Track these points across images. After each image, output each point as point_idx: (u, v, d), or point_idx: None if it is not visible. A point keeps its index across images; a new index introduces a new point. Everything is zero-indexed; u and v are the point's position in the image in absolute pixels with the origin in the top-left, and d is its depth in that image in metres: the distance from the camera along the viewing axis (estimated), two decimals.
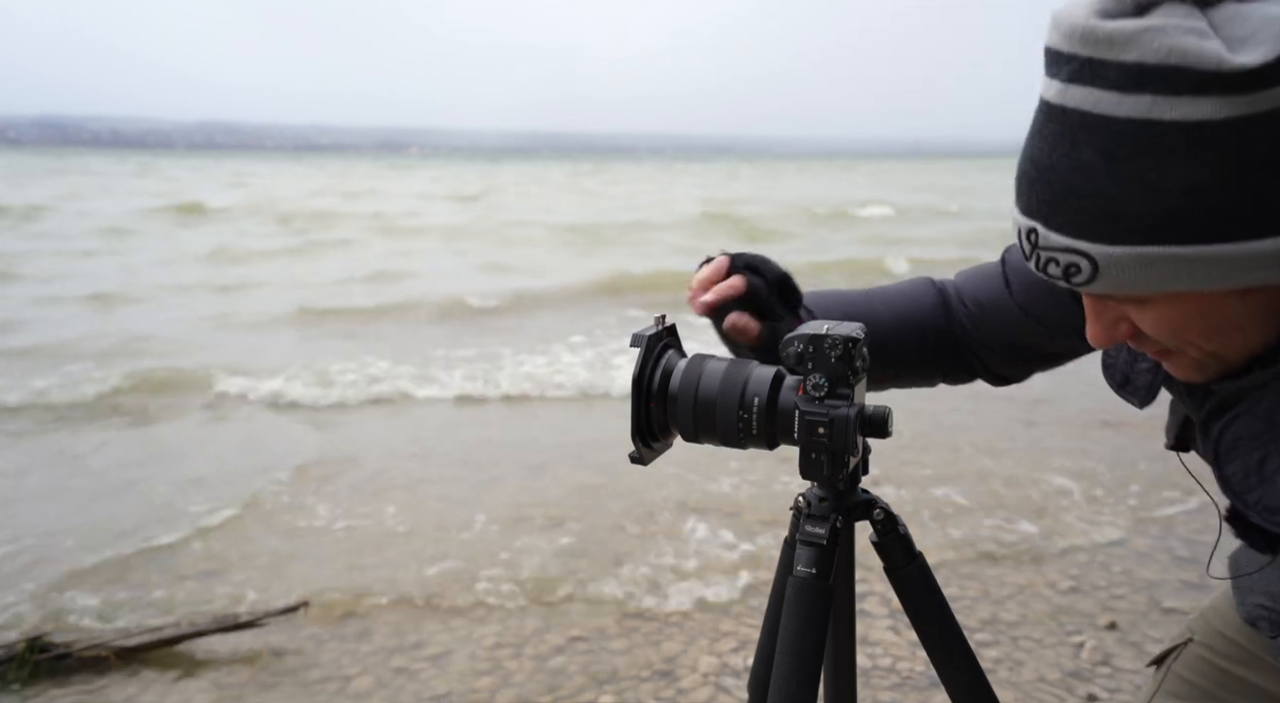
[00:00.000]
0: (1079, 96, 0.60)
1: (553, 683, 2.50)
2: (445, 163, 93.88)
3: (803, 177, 53.45)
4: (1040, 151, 0.63)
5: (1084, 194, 0.60)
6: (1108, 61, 0.58)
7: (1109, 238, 0.60)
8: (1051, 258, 0.65)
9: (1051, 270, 0.66)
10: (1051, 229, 0.64)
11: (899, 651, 2.61)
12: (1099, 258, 0.62)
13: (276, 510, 3.90)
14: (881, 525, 0.91)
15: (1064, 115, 0.61)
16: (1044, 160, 0.63)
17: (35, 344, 7.34)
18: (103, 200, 24.08)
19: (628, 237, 17.11)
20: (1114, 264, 0.61)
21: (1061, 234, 0.63)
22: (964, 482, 4.08)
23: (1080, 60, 0.60)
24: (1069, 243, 0.63)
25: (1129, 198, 0.59)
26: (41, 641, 2.65)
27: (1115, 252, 0.61)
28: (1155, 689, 1.12)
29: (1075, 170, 0.60)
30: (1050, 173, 0.62)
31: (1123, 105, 0.58)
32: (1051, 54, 0.63)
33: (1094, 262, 0.62)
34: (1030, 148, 0.65)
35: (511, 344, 7.33)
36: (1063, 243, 0.63)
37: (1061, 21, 0.62)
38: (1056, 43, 0.62)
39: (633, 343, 0.87)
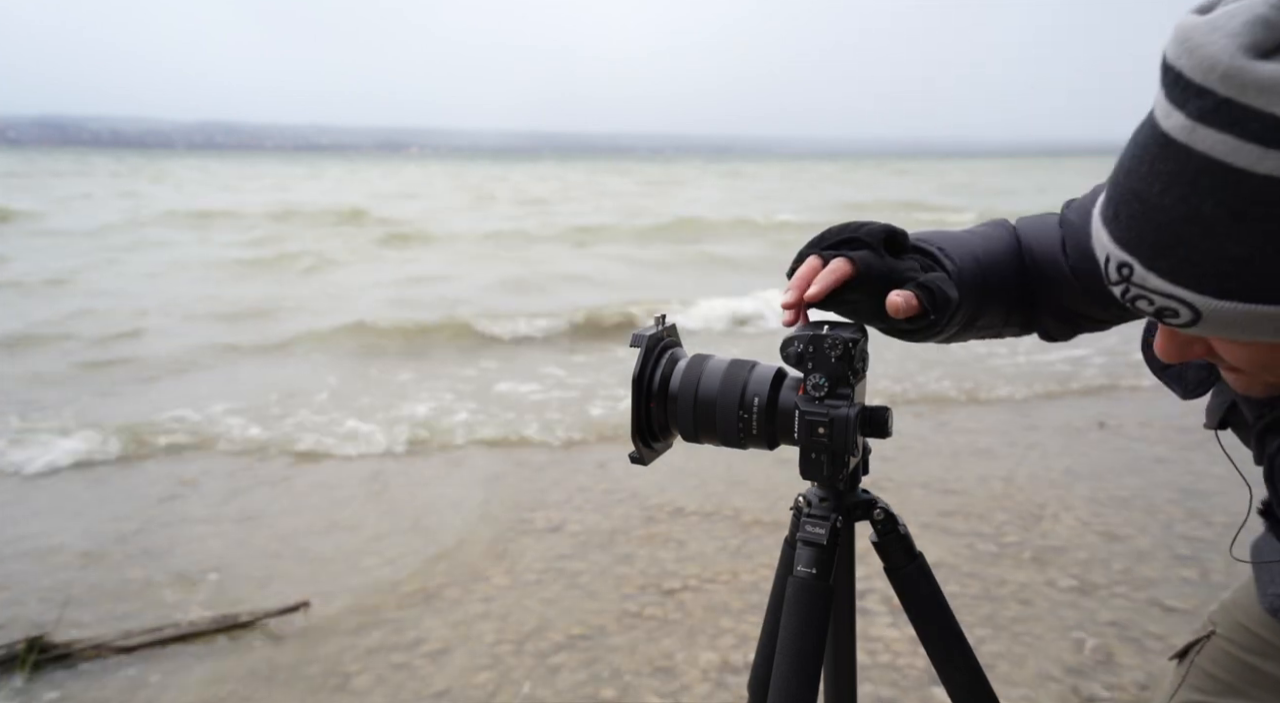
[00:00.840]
0: (1210, 141, 0.54)
1: (553, 680, 2.50)
2: (454, 163, 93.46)
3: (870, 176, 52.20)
4: (1149, 188, 0.57)
5: (1199, 246, 0.55)
6: (1253, 109, 0.52)
7: (1219, 293, 0.56)
8: (1144, 296, 0.60)
9: (1142, 306, 0.61)
10: (1151, 271, 0.59)
11: (899, 648, 2.61)
12: (1203, 309, 0.57)
13: (278, 510, 3.90)
14: (882, 526, 0.91)
15: (1187, 157, 0.55)
16: (1153, 199, 0.57)
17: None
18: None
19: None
20: (1219, 316, 0.57)
21: (1163, 279, 0.58)
22: (964, 482, 4.08)
23: (1217, 100, 0.53)
24: (1171, 289, 0.58)
25: (1252, 258, 0.54)
26: (41, 640, 2.65)
27: (1225, 307, 0.56)
28: (1179, 683, 1.12)
29: (1192, 220, 0.55)
30: (1159, 214, 0.57)
31: (1264, 162, 0.52)
32: (1176, 78, 0.56)
33: (1196, 311, 0.58)
34: (1135, 179, 0.59)
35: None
36: (1163, 287, 0.58)
37: (1196, 49, 0.55)
38: (1185, 68, 0.55)
39: (633, 343, 0.87)
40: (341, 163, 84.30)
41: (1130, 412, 5.16)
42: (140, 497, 4.07)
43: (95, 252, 14.03)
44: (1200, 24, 0.55)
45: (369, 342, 7.70)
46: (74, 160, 67.42)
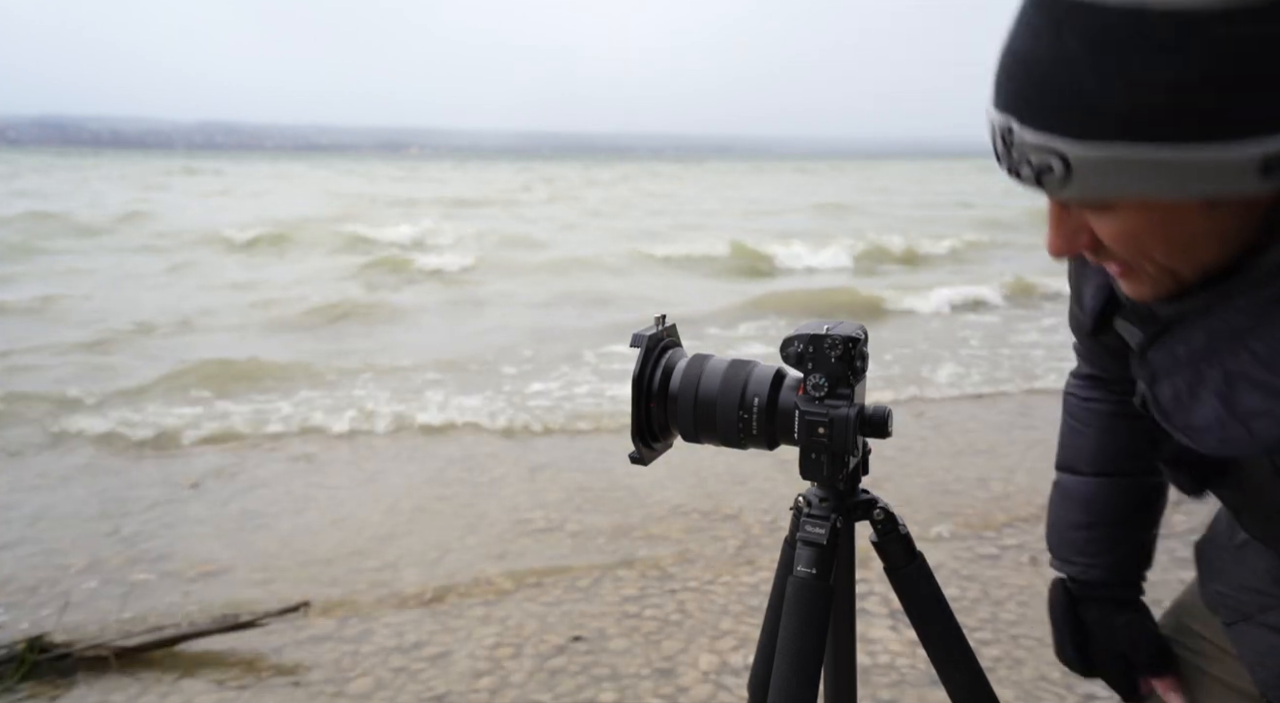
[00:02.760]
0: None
1: (553, 683, 2.50)
2: (474, 162, 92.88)
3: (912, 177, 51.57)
4: (1023, 43, 0.60)
5: (1064, 87, 0.58)
6: None
7: (1085, 133, 0.58)
8: (1025, 157, 0.62)
9: (1024, 173, 0.63)
10: (1026, 125, 0.61)
11: (899, 649, 2.61)
12: (1072, 156, 0.59)
13: (278, 511, 3.90)
14: (882, 526, 0.91)
15: (1053, 4, 0.58)
16: (1026, 52, 0.60)
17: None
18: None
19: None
20: (1086, 163, 0.59)
21: (1036, 130, 0.60)
22: (964, 482, 4.08)
23: None
24: (1043, 140, 0.60)
25: (1110, 91, 0.56)
26: (41, 641, 2.65)
27: (1089, 151, 0.58)
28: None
29: (1057, 61, 0.58)
30: (1032, 64, 0.59)
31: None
32: None
33: (1066, 160, 0.59)
34: (1013, 39, 0.62)
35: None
36: (1037, 140, 0.60)
37: None
38: None
39: (633, 343, 0.87)
40: (348, 162, 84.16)
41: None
42: (140, 497, 4.06)
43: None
44: None
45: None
46: (97, 161, 66.69)
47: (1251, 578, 0.92)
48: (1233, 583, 0.94)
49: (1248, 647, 0.90)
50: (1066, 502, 1.13)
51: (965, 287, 9.98)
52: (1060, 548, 1.12)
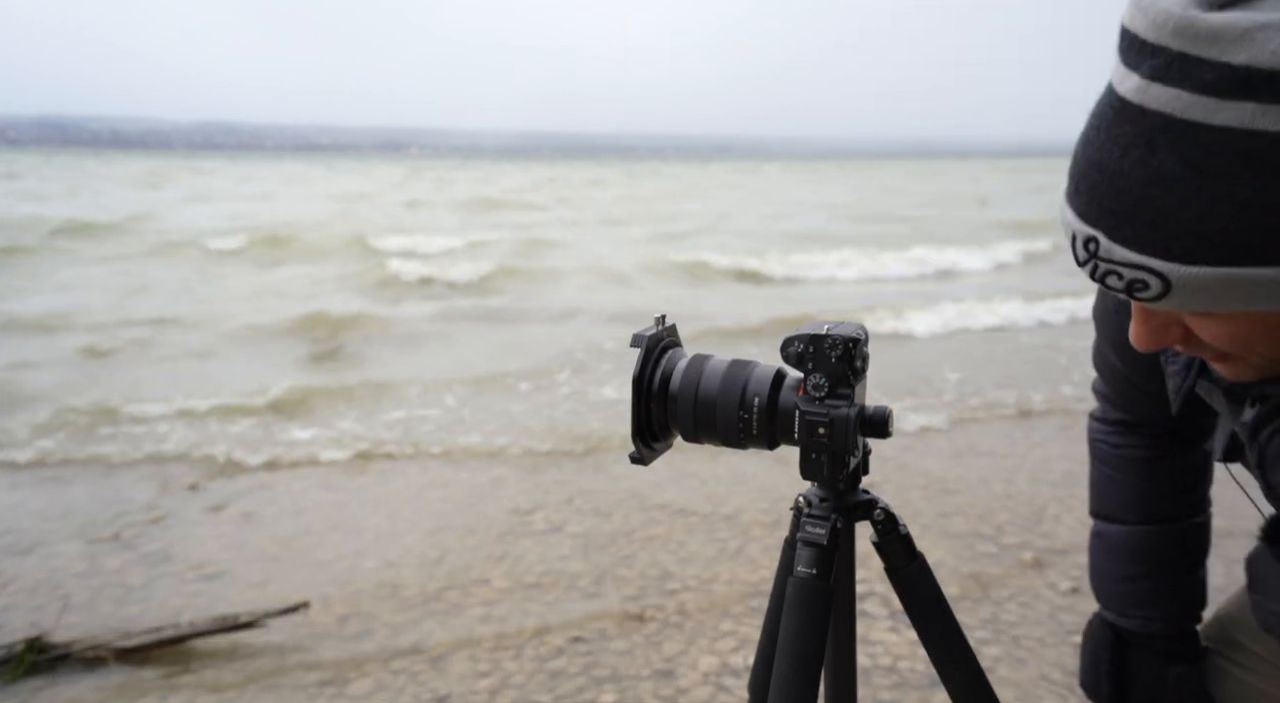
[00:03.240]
0: (1164, 97, 0.53)
1: (553, 684, 2.50)
2: (469, 163, 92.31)
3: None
4: (1108, 155, 0.56)
5: (1162, 208, 0.54)
6: (1205, 61, 0.51)
7: (1187, 257, 0.54)
8: (1113, 271, 0.58)
9: (1111, 283, 0.59)
10: (1116, 242, 0.57)
11: (899, 650, 2.61)
12: (1173, 277, 0.55)
13: (277, 512, 3.90)
14: (882, 526, 0.91)
15: (1142, 117, 0.54)
16: (1112, 165, 0.56)
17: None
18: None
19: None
20: (1190, 284, 0.55)
21: (1129, 248, 0.56)
22: (964, 482, 4.07)
23: (1170, 55, 0.52)
24: (1138, 259, 0.56)
25: (1216, 215, 0.52)
26: (41, 641, 2.64)
27: (1193, 272, 0.54)
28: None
29: (1153, 182, 0.54)
30: (1120, 180, 0.55)
31: (1220, 113, 0.50)
32: (1131, 40, 0.56)
33: (1166, 280, 0.56)
34: (1093, 147, 0.58)
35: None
36: (1130, 258, 0.57)
37: (1150, 7, 0.54)
38: (1139, 29, 0.55)
39: (633, 343, 0.87)
40: (348, 162, 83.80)
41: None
42: (140, 497, 4.06)
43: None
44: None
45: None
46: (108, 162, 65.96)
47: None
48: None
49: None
50: (1112, 552, 1.11)
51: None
52: (1114, 601, 1.10)
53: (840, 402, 0.81)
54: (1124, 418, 1.09)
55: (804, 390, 0.83)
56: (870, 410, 0.83)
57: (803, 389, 0.83)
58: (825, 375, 0.82)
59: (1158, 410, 1.01)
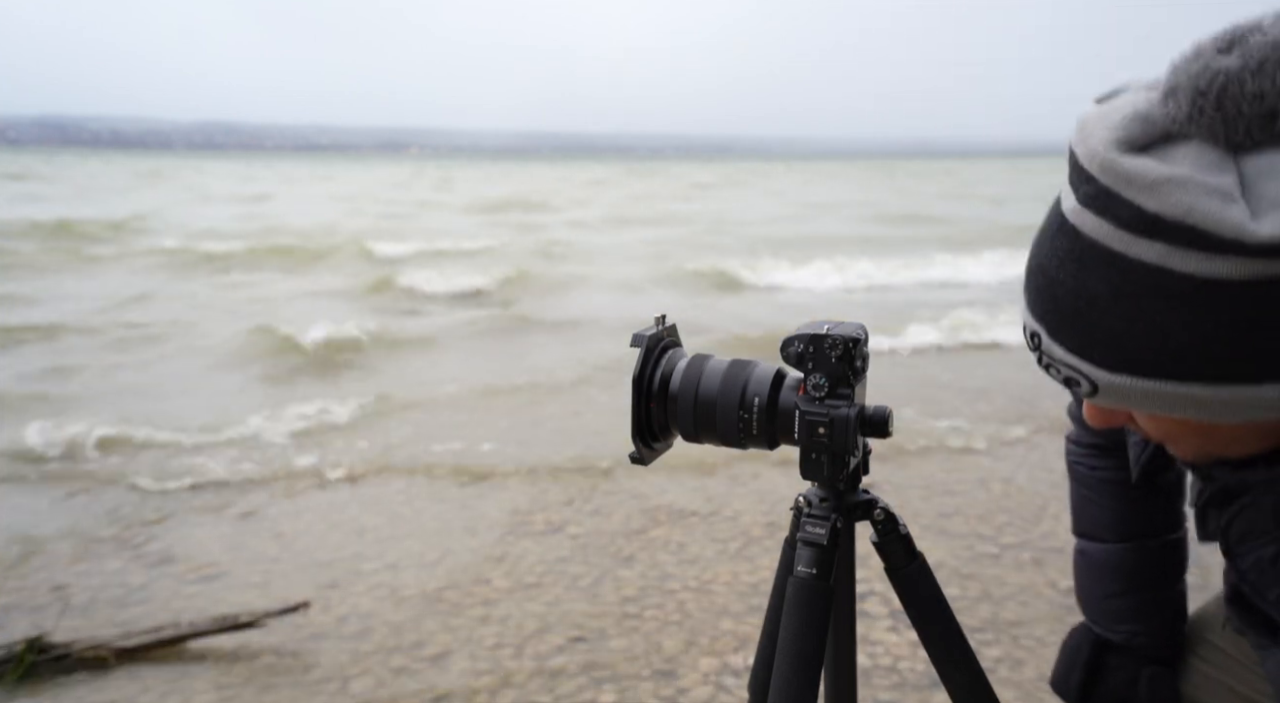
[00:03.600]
0: (1092, 224, 0.59)
1: (553, 683, 2.50)
2: (472, 163, 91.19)
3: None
4: (1050, 262, 0.63)
5: (1090, 321, 0.60)
6: (1124, 199, 0.56)
7: (1111, 366, 0.60)
8: (1052, 365, 0.65)
9: (1053, 374, 0.66)
10: (1055, 341, 0.63)
11: (899, 650, 2.61)
12: (1099, 381, 0.62)
13: (277, 512, 3.90)
14: (882, 526, 0.91)
15: (1077, 237, 0.60)
16: (1053, 273, 0.62)
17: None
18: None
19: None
20: (1114, 389, 0.61)
21: (1064, 350, 0.63)
22: (964, 482, 4.07)
23: (1097, 187, 0.58)
24: (1071, 360, 0.63)
25: (1134, 334, 0.58)
26: (41, 641, 2.64)
27: (1116, 380, 0.61)
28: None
29: (1081, 296, 0.60)
30: (1058, 287, 0.62)
31: (1134, 247, 0.56)
32: (1073, 163, 0.61)
33: (1094, 383, 0.62)
34: (1040, 252, 0.64)
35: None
36: (1065, 358, 0.63)
37: (1086, 138, 0.60)
38: (1080, 156, 0.60)
39: (633, 343, 0.87)
40: (349, 161, 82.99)
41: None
42: (139, 497, 4.06)
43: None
44: (1093, 114, 0.61)
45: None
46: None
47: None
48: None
49: (1276, 669, 0.91)
50: (1096, 570, 1.15)
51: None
52: (1101, 617, 1.14)
53: (840, 402, 0.81)
54: (1099, 441, 1.14)
55: (804, 390, 0.83)
56: (870, 410, 0.83)
57: (803, 389, 0.83)
58: (825, 375, 0.82)
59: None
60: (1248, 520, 0.71)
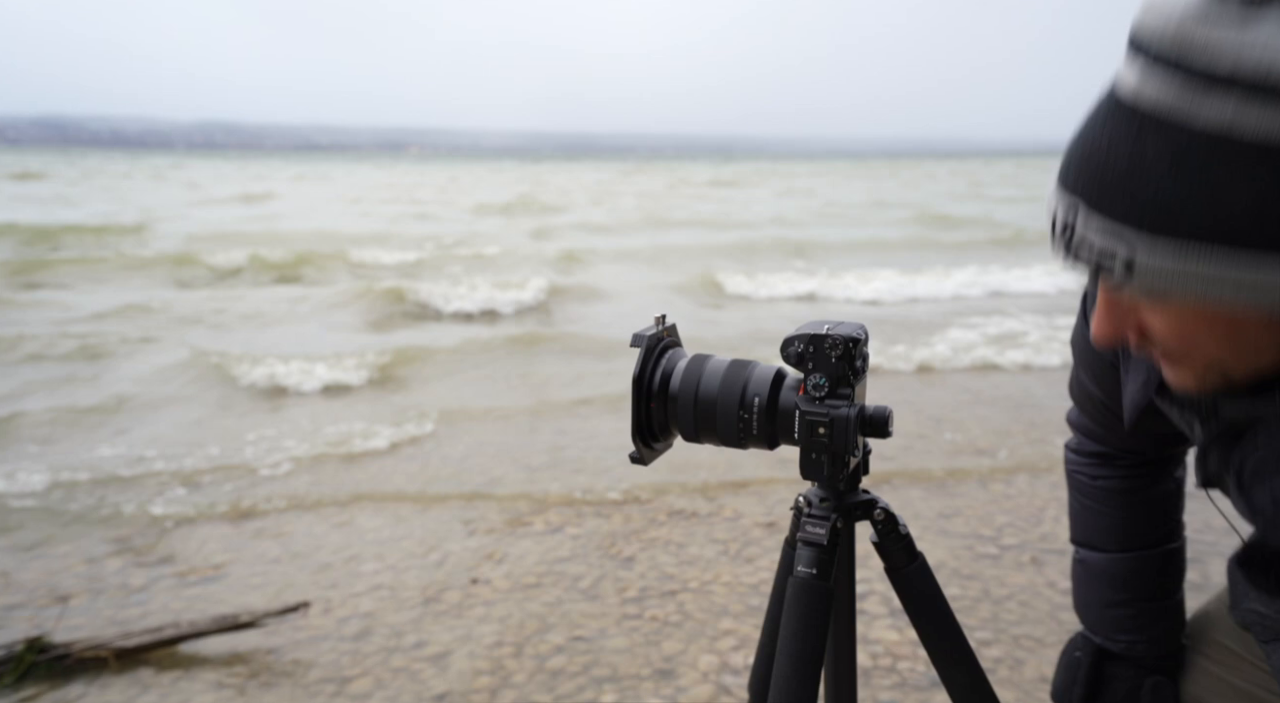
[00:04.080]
0: (1155, 96, 0.58)
1: (553, 683, 2.50)
2: (477, 163, 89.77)
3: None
4: (1098, 143, 0.61)
5: (1142, 185, 0.58)
6: (1196, 68, 0.55)
7: (1156, 228, 0.58)
8: (1087, 240, 0.62)
9: (1083, 255, 0.63)
10: (1094, 208, 0.61)
11: (899, 650, 2.61)
12: (1139, 252, 0.59)
13: (277, 512, 3.90)
14: (882, 526, 0.91)
15: (1134, 113, 0.59)
16: (1101, 152, 0.61)
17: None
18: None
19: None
20: (1155, 255, 0.59)
21: (1105, 215, 0.60)
22: (964, 482, 4.07)
23: (1166, 60, 0.57)
24: (1111, 227, 0.60)
25: (1190, 196, 0.57)
26: (41, 641, 2.64)
27: (1158, 249, 0.58)
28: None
29: (1137, 165, 0.58)
30: (1107, 158, 0.60)
31: (1203, 114, 0.55)
32: (1133, 43, 0.61)
33: (1131, 256, 0.60)
34: (1086, 137, 0.63)
35: None
36: (1104, 226, 0.61)
37: (1154, 12, 0.59)
38: (1142, 34, 0.59)
39: (633, 343, 0.87)
40: (349, 161, 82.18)
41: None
42: (141, 498, 4.06)
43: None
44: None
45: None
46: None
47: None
48: (1272, 605, 0.94)
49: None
50: (1096, 579, 1.15)
51: None
52: (1100, 626, 1.14)
53: (840, 402, 0.81)
54: (1100, 449, 1.14)
55: (804, 390, 0.83)
56: (870, 410, 0.83)
57: (803, 389, 0.83)
58: (825, 375, 0.82)
59: (1133, 440, 1.06)
60: (1263, 457, 0.69)
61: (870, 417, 0.83)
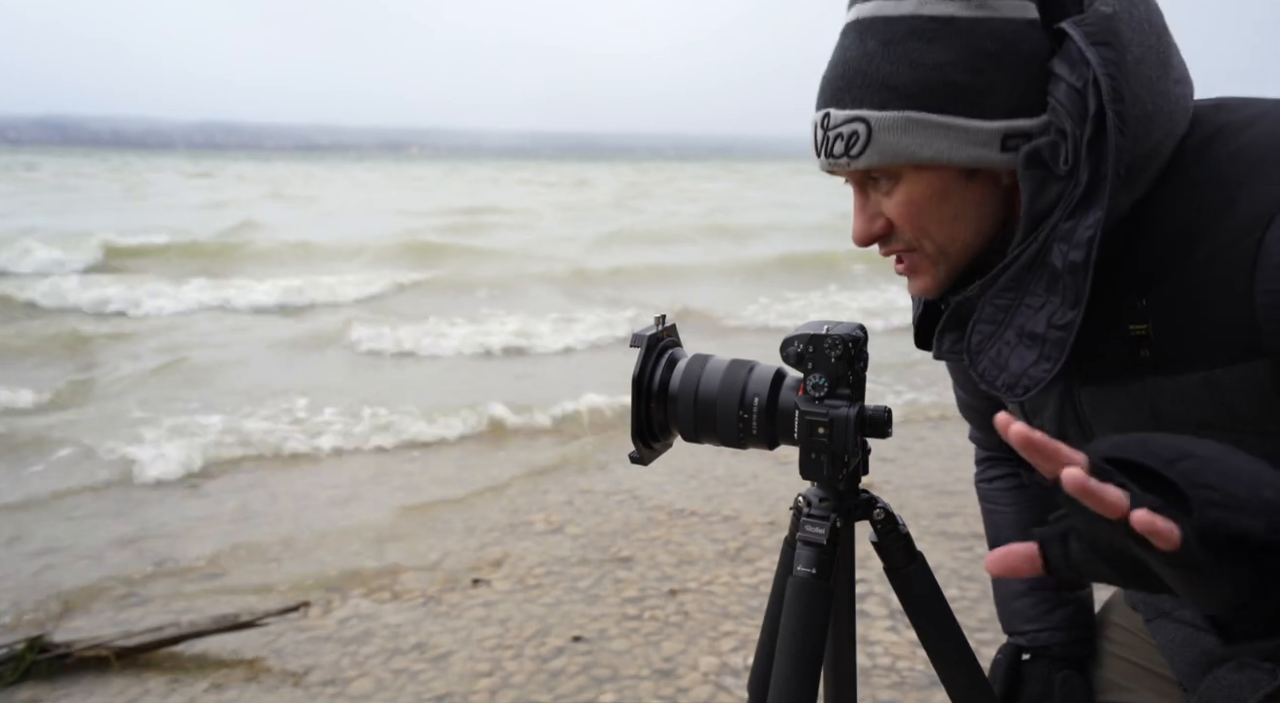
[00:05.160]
0: (869, 9, 0.77)
1: (553, 684, 2.50)
2: (481, 163, 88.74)
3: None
4: (836, 57, 0.79)
5: (867, 73, 0.76)
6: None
7: (882, 105, 0.75)
8: (837, 133, 0.78)
9: (836, 149, 0.78)
10: (838, 107, 0.78)
11: (899, 650, 2.61)
12: (873, 121, 0.75)
13: (277, 512, 3.90)
14: (882, 526, 0.91)
15: (856, 25, 0.77)
16: (838, 61, 0.79)
17: None
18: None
19: None
20: (883, 126, 0.75)
21: (846, 108, 0.77)
22: (964, 482, 4.07)
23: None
24: (852, 113, 0.76)
25: (899, 72, 0.74)
26: (41, 641, 2.64)
27: (886, 115, 0.75)
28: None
29: (861, 58, 0.76)
30: (843, 66, 0.78)
31: (900, 7, 0.74)
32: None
33: (869, 125, 0.75)
34: (831, 61, 0.80)
35: None
36: (846, 115, 0.77)
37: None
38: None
39: (633, 343, 0.87)
40: (349, 162, 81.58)
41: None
42: (141, 497, 4.06)
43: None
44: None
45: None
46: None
47: None
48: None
49: (1165, 639, 0.97)
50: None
51: None
52: (1009, 621, 1.19)
53: (840, 402, 0.81)
54: (990, 454, 1.23)
55: (803, 390, 0.83)
56: (870, 410, 0.83)
57: (802, 389, 0.83)
58: (825, 375, 0.82)
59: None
60: (980, 331, 0.80)
61: (870, 417, 0.83)
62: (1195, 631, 0.94)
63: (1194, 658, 0.93)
